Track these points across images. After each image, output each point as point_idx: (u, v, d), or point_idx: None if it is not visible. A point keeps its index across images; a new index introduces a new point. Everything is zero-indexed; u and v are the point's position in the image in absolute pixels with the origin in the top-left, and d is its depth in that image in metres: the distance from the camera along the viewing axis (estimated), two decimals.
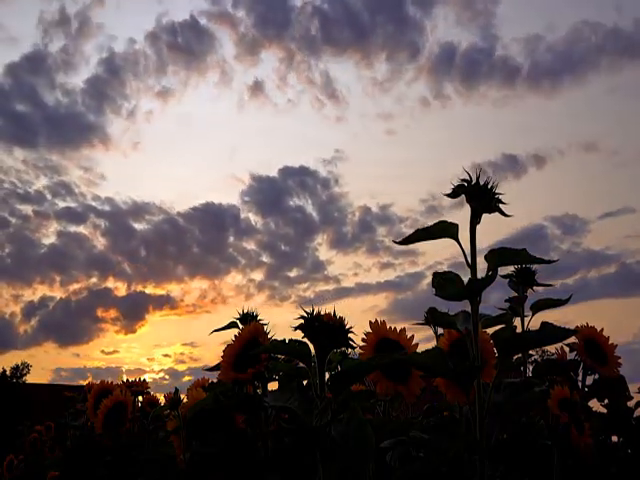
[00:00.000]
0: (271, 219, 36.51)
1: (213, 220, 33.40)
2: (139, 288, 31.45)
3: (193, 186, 45.62)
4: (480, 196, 1.03)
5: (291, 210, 33.94)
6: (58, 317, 29.56)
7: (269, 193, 33.64)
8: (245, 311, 1.55)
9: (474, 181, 1.03)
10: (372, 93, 35.85)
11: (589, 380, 1.48)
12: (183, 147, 42.09)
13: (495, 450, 1.07)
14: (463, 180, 1.04)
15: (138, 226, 34.22)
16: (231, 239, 34.78)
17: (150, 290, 31.83)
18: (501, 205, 1.05)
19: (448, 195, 1.05)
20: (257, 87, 34.44)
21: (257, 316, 1.53)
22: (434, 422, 1.40)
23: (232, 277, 35.14)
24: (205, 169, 43.08)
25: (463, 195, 1.05)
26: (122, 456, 1.99)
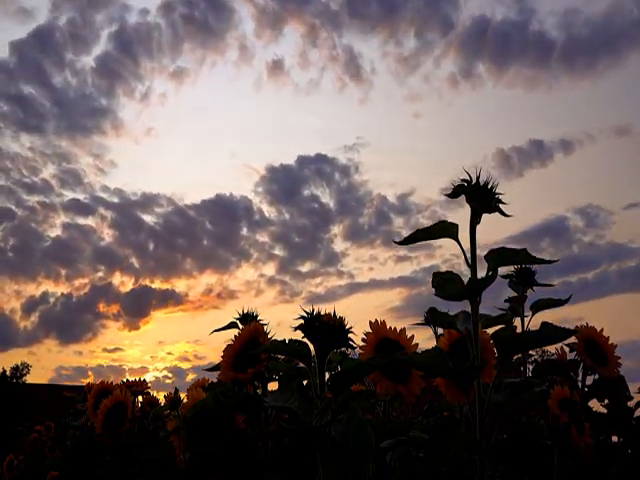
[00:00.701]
0: (286, 210, 34.66)
1: (225, 212, 32.29)
2: (145, 283, 30.61)
3: (206, 175, 43.36)
4: (480, 196, 1.03)
5: (307, 200, 32.44)
6: (61, 314, 28.96)
7: (285, 182, 32.18)
8: (245, 311, 1.55)
9: (474, 181, 1.03)
10: (398, 73, 33.53)
11: (589, 380, 1.49)
12: (197, 132, 40.30)
13: (495, 450, 1.07)
14: (463, 180, 1.04)
15: (147, 219, 33.05)
16: (243, 232, 33.29)
17: (156, 285, 31.06)
18: (501, 205, 1.05)
19: (448, 195, 1.05)
20: (277, 66, 32.46)
21: (257, 316, 1.53)
22: (434, 422, 1.40)
23: (243, 271, 33.44)
24: (220, 155, 41.09)
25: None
26: (122, 456, 1.99)
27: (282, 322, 1.38)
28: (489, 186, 1.03)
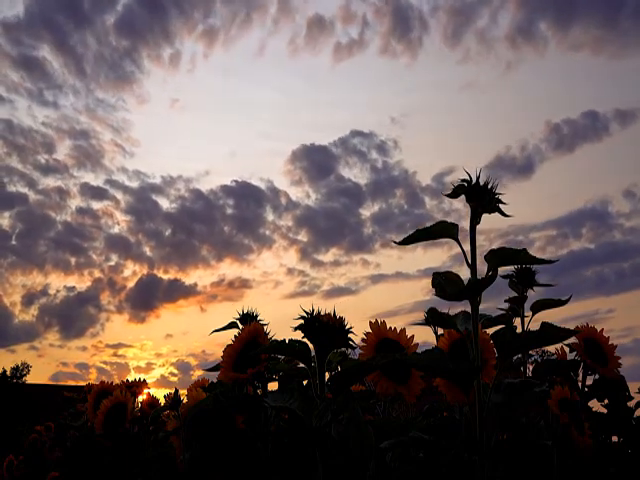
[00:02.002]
0: (314, 193, 32.38)
1: (248, 196, 30.28)
2: (156, 274, 29.13)
3: (229, 153, 39.10)
4: (480, 196, 1.03)
5: (337, 182, 30.06)
6: (64, 307, 27.77)
7: (316, 162, 30.05)
8: (245, 311, 1.55)
9: (474, 181, 1.04)
10: (450, 34, 29.47)
11: (589, 380, 1.49)
12: (223, 104, 36.68)
13: (495, 450, 1.07)
14: (463, 180, 1.04)
15: (164, 205, 31.23)
16: (266, 218, 30.91)
17: (168, 276, 29.65)
18: (501, 205, 1.05)
19: (448, 195, 1.05)
20: (316, 23, 29.13)
21: (257, 316, 1.53)
22: (434, 422, 1.40)
23: (262, 261, 31.34)
24: (246, 130, 37.78)
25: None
26: (122, 456, 1.99)
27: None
28: (489, 186, 1.03)
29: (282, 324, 1.29)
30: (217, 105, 37.44)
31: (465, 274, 1.06)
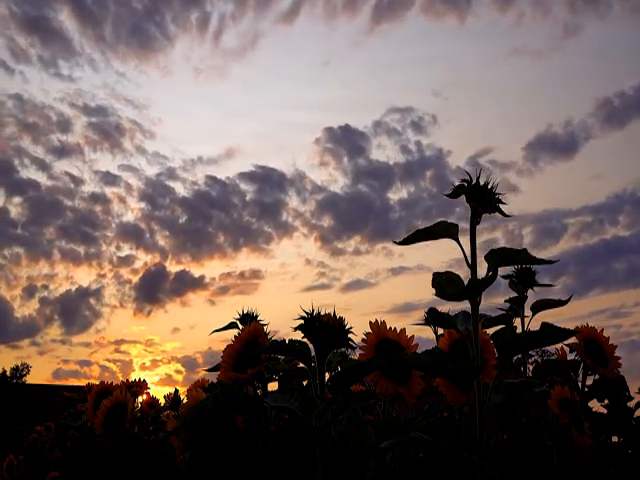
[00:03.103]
0: (341, 176, 30.43)
1: (270, 181, 28.51)
2: (170, 266, 27.77)
3: (253, 134, 36.73)
4: (480, 196, 1.03)
5: (366, 165, 27.99)
6: (68, 301, 26.77)
7: (345, 142, 28.14)
8: (245, 311, 1.55)
9: (474, 181, 1.03)
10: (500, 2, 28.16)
11: (589, 380, 1.49)
12: (248, 78, 33.95)
13: (495, 450, 1.07)
14: (463, 180, 1.04)
15: (181, 191, 29.26)
16: (286, 206, 29.37)
17: (181, 267, 28.39)
18: (501, 205, 1.05)
19: (448, 195, 1.05)
20: None
21: (257, 316, 1.53)
22: (434, 422, 1.40)
23: (281, 250, 29.64)
24: (271, 109, 35.36)
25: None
26: (122, 456, 1.99)
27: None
28: (489, 186, 1.03)
29: (295, 320, 1.21)
30: (241, 79, 34.67)
31: None
